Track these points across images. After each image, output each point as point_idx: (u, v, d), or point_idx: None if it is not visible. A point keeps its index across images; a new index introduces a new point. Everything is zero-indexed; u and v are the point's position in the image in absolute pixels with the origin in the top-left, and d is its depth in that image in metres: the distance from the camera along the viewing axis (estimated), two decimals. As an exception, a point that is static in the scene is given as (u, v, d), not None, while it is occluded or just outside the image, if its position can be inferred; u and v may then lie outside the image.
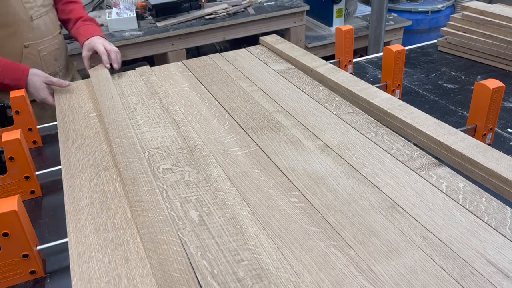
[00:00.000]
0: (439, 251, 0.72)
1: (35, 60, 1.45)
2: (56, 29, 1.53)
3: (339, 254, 0.73)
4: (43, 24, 1.45)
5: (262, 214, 0.83)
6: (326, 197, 0.86)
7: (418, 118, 1.06)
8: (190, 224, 0.81)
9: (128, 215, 0.85)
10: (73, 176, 0.98)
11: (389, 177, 0.90)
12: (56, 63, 1.53)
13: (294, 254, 0.74)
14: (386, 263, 0.71)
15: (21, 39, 1.40)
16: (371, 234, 0.77)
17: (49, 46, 1.49)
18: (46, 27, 1.47)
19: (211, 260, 0.73)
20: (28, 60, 1.43)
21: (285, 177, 0.92)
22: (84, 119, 1.22)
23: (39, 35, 1.44)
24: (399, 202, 0.83)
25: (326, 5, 2.96)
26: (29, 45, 1.42)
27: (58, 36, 1.54)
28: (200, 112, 1.21)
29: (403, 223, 0.78)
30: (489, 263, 0.70)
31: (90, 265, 0.75)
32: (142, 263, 0.75)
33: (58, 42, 1.54)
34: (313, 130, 1.08)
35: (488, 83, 1.08)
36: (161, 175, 0.95)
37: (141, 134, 1.12)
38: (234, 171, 0.95)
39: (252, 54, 1.57)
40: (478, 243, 0.73)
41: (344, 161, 0.96)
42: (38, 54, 1.46)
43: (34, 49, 1.44)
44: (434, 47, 1.81)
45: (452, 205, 0.81)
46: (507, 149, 1.15)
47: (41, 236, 0.93)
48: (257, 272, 0.70)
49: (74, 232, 0.82)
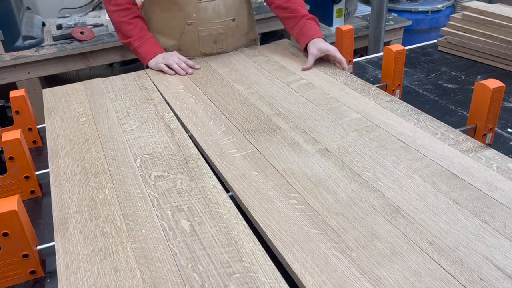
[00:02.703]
0: (446, 257, 0.71)
1: (193, 37, 1.55)
2: (230, 15, 1.55)
3: (341, 256, 0.73)
4: (211, 8, 1.51)
5: (261, 216, 0.82)
6: (326, 200, 0.85)
7: (384, 141, 1.03)
8: (181, 235, 0.80)
9: (118, 223, 0.84)
10: (61, 183, 0.96)
11: (391, 181, 0.89)
12: (214, 46, 1.58)
13: (295, 256, 0.73)
14: (390, 266, 0.70)
15: (186, 16, 1.51)
16: (373, 237, 0.76)
17: (211, 29, 1.54)
18: (215, 11, 1.52)
19: (202, 273, 0.72)
20: (187, 36, 1.54)
21: (284, 180, 0.92)
22: (73, 124, 1.20)
23: (203, 17, 1.51)
24: (402, 206, 0.83)
25: (326, 5, 2.96)
26: (192, 23, 1.51)
27: (229, 22, 1.56)
28: (196, 114, 1.20)
29: (408, 227, 0.78)
30: (497, 268, 0.69)
31: (78, 276, 0.74)
32: (132, 273, 0.73)
33: (226, 27, 1.56)
34: (311, 133, 1.08)
35: (488, 83, 1.08)
36: (152, 183, 0.94)
37: (134, 139, 1.10)
38: (232, 173, 0.95)
39: (246, 57, 1.56)
40: (485, 247, 0.73)
41: (344, 164, 0.96)
42: (197, 34, 1.53)
43: (195, 28, 1.52)
44: (434, 47, 1.81)
45: (457, 209, 0.81)
46: (507, 149, 1.15)
47: (41, 236, 0.93)
48: (249, 286, 0.70)
49: (62, 241, 0.81)
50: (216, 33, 1.55)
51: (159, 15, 1.54)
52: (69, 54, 2.34)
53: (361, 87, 1.28)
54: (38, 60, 2.31)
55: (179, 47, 1.56)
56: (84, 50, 2.36)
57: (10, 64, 2.27)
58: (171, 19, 1.53)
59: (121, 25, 1.51)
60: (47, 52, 2.31)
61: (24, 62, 2.29)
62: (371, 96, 1.22)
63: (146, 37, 1.52)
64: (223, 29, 1.56)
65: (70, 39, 2.41)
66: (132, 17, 1.51)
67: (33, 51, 2.34)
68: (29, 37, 2.39)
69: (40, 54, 2.31)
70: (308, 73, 1.39)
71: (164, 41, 1.57)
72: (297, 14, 1.53)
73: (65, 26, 2.50)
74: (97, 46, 2.39)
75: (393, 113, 1.13)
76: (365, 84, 1.29)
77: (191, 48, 1.56)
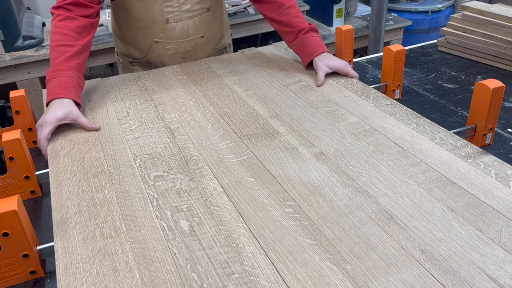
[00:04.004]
0: (439, 266, 0.70)
1: (161, 54, 1.51)
2: (199, 33, 1.50)
3: (335, 268, 0.71)
4: (179, 28, 1.46)
5: (255, 225, 0.81)
6: (322, 208, 0.84)
7: (381, 146, 1.01)
8: (180, 235, 0.80)
9: (117, 224, 0.84)
10: (61, 183, 0.96)
11: (386, 187, 0.88)
12: (182, 61, 1.56)
13: (288, 268, 0.72)
14: (384, 279, 0.69)
15: (152, 35, 1.47)
16: (368, 247, 0.75)
17: (179, 47, 1.51)
18: (183, 31, 1.48)
19: (201, 273, 0.72)
20: (154, 53, 1.51)
21: (280, 186, 0.90)
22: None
23: (170, 36, 1.48)
24: (396, 213, 0.82)
25: (326, 5, 2.96)
26: (158, 41, 1.48)
27: (198, 39, 1.52)
28: (194, 117, 1.19)
29: (401, 235, 0.77)
30: (490, 279, 0.68)
31: (77, 276, 0.74)
32: (131, 273, 0.73)
33: (194, 45, 1.52)
34: (308, 137, 1.07)
35: (488, 83, 1.08)
36: (152, 183, 0.94)
37: (134, 139, 1.10)
38: (228, 179, 0.94)
39: (247, 58, 1.56)
40: (478, 257, 0.72)
41: (340, 169, 0.94)
42: (165, 52, 1.51)
43: (162, 46, 1.50)
44: (434, 47, 1.81)
45: (451, 217, 0.80)
46: (507, 149, 1.15)
47: (41, 236, 0.93)
48: (248, 286, 0.69)
49: (61, 242, 0.81)
50: (184, 50, 1.52)
51: (126, 30, 1.50)
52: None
53: (361, 90, 1.27)
54: (38, 60, 2.31)
55: (148, 60, 1.53)
56: (84, 50, 2.36)
57: (10, 64, 2.27)
58: (137, 35, 1.48)
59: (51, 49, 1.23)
60: (47, 52, 2.31)
61: (24, 62, 2.30)
62: (371, 99, 1.21)
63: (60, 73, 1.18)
64: (192, 46, 1.52)
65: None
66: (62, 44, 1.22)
67: (33, 51, 2.34)
68: (29, 37, 2.39)
69: (40, 54, 2.31)
70: (308, 75, 1.38)
71: (134, 52, 1.54)
72: (292, 28, 1.39)
73: (65, 26, 2.49)
74: (97, 46, 2.39)
75: (392, 117, 1.12)
76: (365, 87, 1.28)
77: (159, 63, 1.53)
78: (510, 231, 0.76)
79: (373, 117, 1.13)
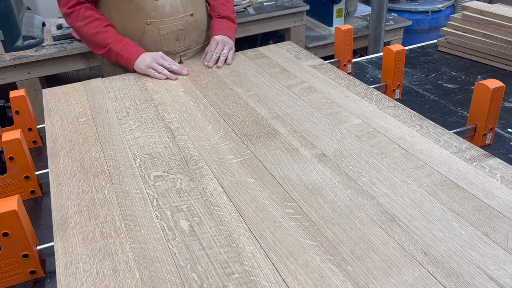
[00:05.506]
0: (441, 268, 0.70)
1: (155, 37, 1.54)
2: (188, 11, 1.57)
3: (336, 269, 0.71)
4: (168, 5, 1.52)
5: (256, 226, 0.81)
6: (323, 209, 0.84)
7: (385, 148, 1.01)
8: (180, 235, 0.80)
9: (117, 224, 0.84)
10: (61, 183, 0.96)
11: (386, 187, 0.88)
12: (177, 43, 1.58)
13: (289, 269, 0.72)
14: (385, 280, 0.69)
15: (145, 16, 1.51)
16: (369, 248, 0.75)
17: (172, 26, 1.54)
18: (172, 8, 1.53)
19: (201, 273, 0.72)
20: (148, 36, 1.54)
21: (281, 187, 0.90)
22: (73, 124, 1.19)
23: (162, 14, 1.52)
24: (396, 213, 0.81)
25: (326, 5, 2.96)
26: (151, 22, 1.52)
27: (188, 18, 1.57)
28: (194, 118, 1.19)
29: (404, 237, 0.77)
30: (490, 279, 0.68)
31: (77, 276, 0.74)
32: (131, 273, 0.73)
33: (185, 23, 1.57)
34: (308, 137, 1.06)
35: (488, 83, 1.08)
36: (152, 183, 0.94)
37: (134, 139, 1.10)
38: (228, 180, 0.93)
39: (248, 59, 1.56)
40: (479, 257, 0.72)
41: (341, 170, 0.94)
42: (158, 32, 1.53)
43: (155, 27, 1.53)
44: (434, 47, 1.81)
45: (451, 217, 0.80)
46: (507, 149, 1.15)
47: (41, 236, 0.93)
48: (248, 286, 0.69)
49: (61, 242, 0.81)
50: (177, 29, 1.56)
51: (118, 17, 1.52)
52: (69, 54, 2.34)
53: (364, 91, 1.26)
54: (38, 60, 2.31)
55: (142, 46, 1.54)
56: (84, 50, 2.35)
57: (10, 64, 2.27)
58: (130, 21, 1.52)
59: (96, 36, 1.47)
60: (47, 52, 2.31)
61: (24, 62, 2.29)
62: (374, 100, 1.21)
63: (124, 40, 1.48)
64: (183, 25, 1.57)
65: (70, 39, 2.41)
66: (104, 25, 1.47)
67: (33, 51, 2.34)
68: (29, 37, 2.39)
69: (40, 54, 2.31)
70: (309, 77, 1.38)
71: None
72: (213, 13, 1.66)
73: (65, 26, 2.50)
74: (97, 46, 2.39)
75: (395, 119, 1.12)
76: (367, 88, 1.28)
77: (154, 48, 1.54)
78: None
79: (376, 119, 1.12)
